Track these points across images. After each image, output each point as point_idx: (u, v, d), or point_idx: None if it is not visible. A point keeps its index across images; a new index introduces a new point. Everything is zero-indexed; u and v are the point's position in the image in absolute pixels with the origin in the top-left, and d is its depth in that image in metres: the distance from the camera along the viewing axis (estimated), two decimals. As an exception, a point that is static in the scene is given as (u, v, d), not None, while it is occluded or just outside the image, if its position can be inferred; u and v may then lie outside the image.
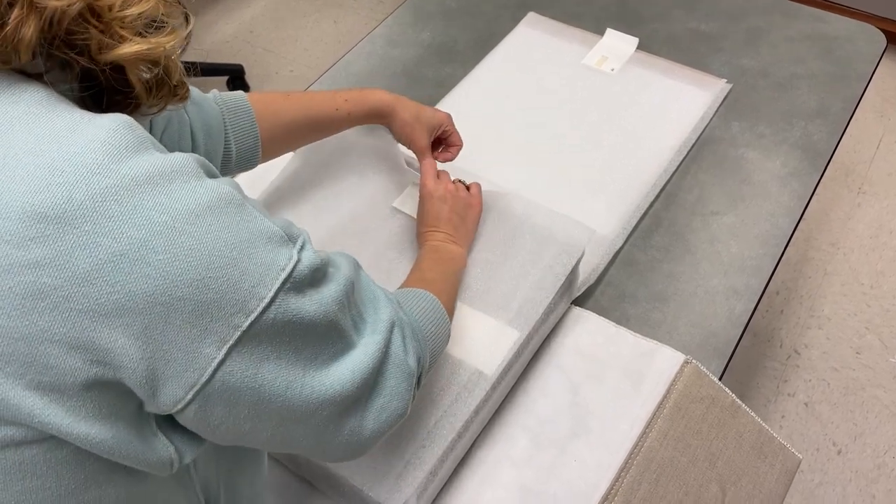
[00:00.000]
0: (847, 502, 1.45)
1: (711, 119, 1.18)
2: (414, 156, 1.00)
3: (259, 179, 1.11)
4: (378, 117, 0.97)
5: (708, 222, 1.06)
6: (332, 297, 0.54)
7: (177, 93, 0.55)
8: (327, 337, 0.54)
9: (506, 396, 0.88)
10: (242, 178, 1.14)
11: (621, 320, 0.94)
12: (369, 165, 1.05)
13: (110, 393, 0.47)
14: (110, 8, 0.47)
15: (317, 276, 0.53)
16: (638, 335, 0.92)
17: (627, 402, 0.86)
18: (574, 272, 0.92)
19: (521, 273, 0.89)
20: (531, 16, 1.37)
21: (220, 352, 0.47)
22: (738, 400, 0.88)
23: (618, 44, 1.30)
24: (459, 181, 0.97)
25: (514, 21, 1.37)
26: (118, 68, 0.50)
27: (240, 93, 0.88)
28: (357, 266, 0.63)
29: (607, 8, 1.38)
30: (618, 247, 1.02)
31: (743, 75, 1.25)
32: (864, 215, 1.89)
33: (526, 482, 0.81)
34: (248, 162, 0.89)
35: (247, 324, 0.48)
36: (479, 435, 0.85)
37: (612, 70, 1.26)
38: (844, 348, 1.66)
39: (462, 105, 1.23)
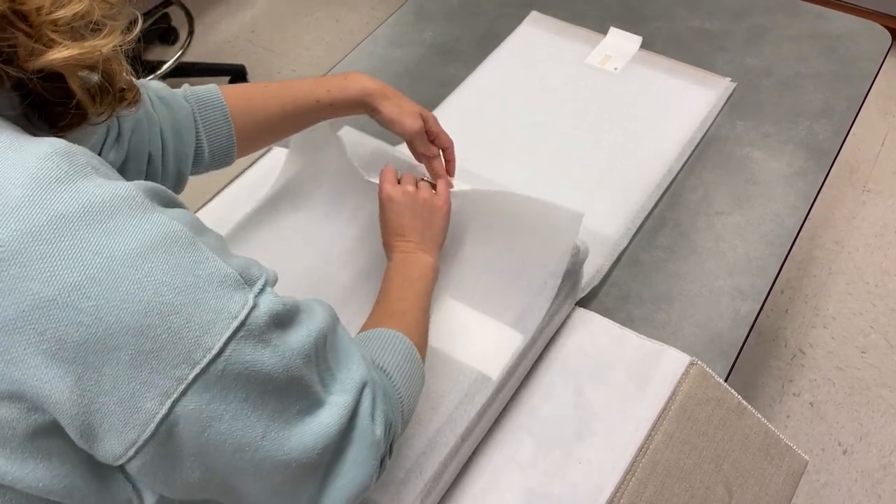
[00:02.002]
0: (853, 502, 1.44)
1: (716, 118, 1.18)
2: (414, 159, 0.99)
3: (265, 181, 1.10)
4: (363, 106, 0.91)
5: (713, 222, 1.05)
6: (297, 349, 0.49)
7: (124, 97, 0.51)
8: (288, 393, 0.49)
9: (510, 399, 0.87)
10: (243, 184, 1.13)
11: (626, 321, 0.94)
12: (372, 170, 1.05)
13: (58, 437, 0.45)
14: (39, 10, 0.43)
15: (278, 323, 0.48)
16: (643, 336, 0.92)
17: (633, 404, 0.86)
18: (578, 273, 0.92)
19: (520, 274, 0.88)
20: (534, 15, 1.37)
21: (162, 406, 0.44)
22: (744, 401, 0.88)
23: (621, 43, 1.29)
24: (424, 180, 0.91)
25: (517, 20, 1.36)
26: (54, 76, 0.46)
27: (212, 86, 0.83)
28: (335, 318, 0.58)
29: (610, 7, 1.37)
30: (622, 247, 1.01)
31: (747, 74, 1.24)
32: (868, 213, 1.88)
33: (531, 485, 0.81)
34: (223, 159, 0.85)
35: (192, 376, 0.44)
36: (483, 438, 0.84)
37: (616, 69, 1.25)
38: (850, 348, 1.65)
39: (465, 105, 1.22)
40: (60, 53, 0.44)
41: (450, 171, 0.99)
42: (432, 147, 0.95)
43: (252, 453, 0.48)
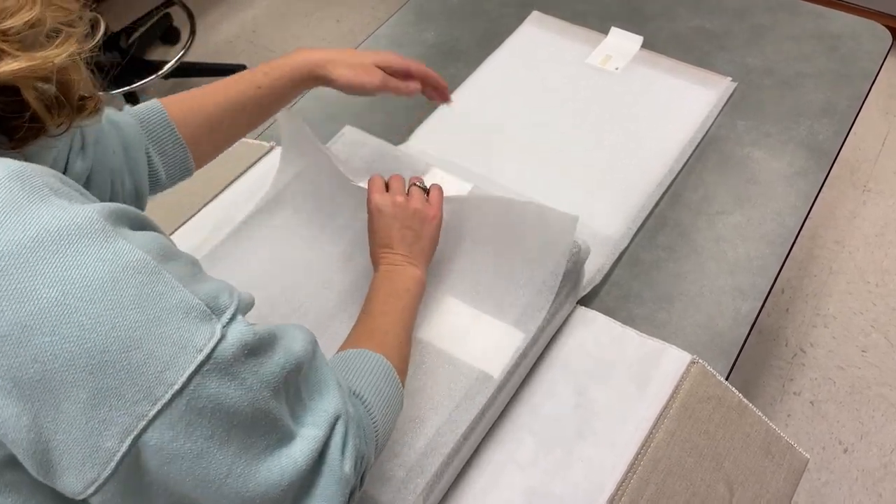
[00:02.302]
0: (853, 501, 1.45)
1: (717, 118, 1.18)
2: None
3: (266, 180, 1.10)
4: (311, 79, 0.86)
5: (713, 222, 1.05)
6: (266, 381, 0.47)
7: (84, 107, 0.49)
8: (255, 427, 0.47)
9: (511, 397, 0.87)
10: (245, 184, 1.13)
11: (627, 320, 0.94)
12: (374, 170, 1.05)
13: (24, 470, 0.44)
14: None
15: (248, 354, 0.46)
16: (644, 335, 0.92)
17: (634, 403, 0.86)
18: (579, 272, 0.92)
19: (520, 274, 0.88)
20: (535, 15, 1.37)
21: (122, 445, 0.42)
22: (744, 400, 0.88)
23: (622, 42, 1.29)
24: (417, 185, 0.87)
25: (518, 20, 1.36)
26: (7, 89, 0.44)
27: (153, 101, 0.80)
28: (314, 344, 0.56)
29: (611, 6, 1.38)
30: (623, 247, 1.02)
31: (748, 74, 1.24)
32: (869, 213, 1.89)
33: (532, 484, 0.81)
34: (181, 172, 0.81)
35: (153, 413, 0.42)
36: (484, 437, 0.85)
37: (617, 69, 1.25)
38: (850, 347, 1.65)
39: (466, 105, 1.22)
40: (9, 66, 0.43)
41: (442, 91, 0.95)
42: (410, 84, 0.90)
43: (216, 489, 0.46)
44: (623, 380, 0.88)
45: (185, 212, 1.08)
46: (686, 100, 1.20)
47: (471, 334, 0.87)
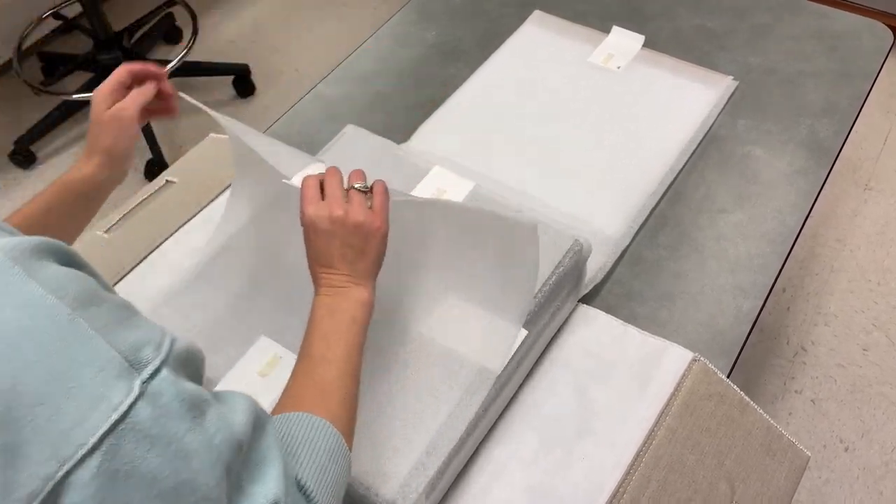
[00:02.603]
0: (854, 499, 1.45)
1: (718, 117, 1.18)
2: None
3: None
4: (87, 185, 0.79)
5: (715, 220, 1.06)
6: (192, 449, 0.42)
7: None
8: (179, 502, 0.42)
9: (513, 395, 0.88)
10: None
11: (629, 319, 0.94)
12: (375, 168, 1.05)
13: None
14: None
15: (171, 416, 0.42)
16: (646, 333, 0.92)
17: (635, 401, 0.86)
18: (581, 270, 0.92)
19: (508, 269, 0.85)
20: (537, 14, 1.37)
21: None
22: (746, 397, 0.88)
23: (624, 41, 1.29)
24: (356, 188, 0.73)
25: (520, 19, 1.36)
26: None
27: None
28: (261, 419, 0.51)
29: (612, 6, 1.38)
30: (624, 245, 1.02)
31: (749, 73, 1.24)
32: (870, 212, 1.89)
33: (533, 482, 0.81)
34: None
35: (60, 475, 0.38)
36: (485, 435, 0.85)
37: (618, 68, 1.25)
38: (851, 345, 1.65)
39: (467, 104, 1.23)
40: None
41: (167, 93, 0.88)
42: (149, 89, 0.84)
43: None
44: (624, 378, 0.88)
45: (187, 212, 1.08)
46: (687, 99, 1.20)
47: (469, 330, 0.86)
